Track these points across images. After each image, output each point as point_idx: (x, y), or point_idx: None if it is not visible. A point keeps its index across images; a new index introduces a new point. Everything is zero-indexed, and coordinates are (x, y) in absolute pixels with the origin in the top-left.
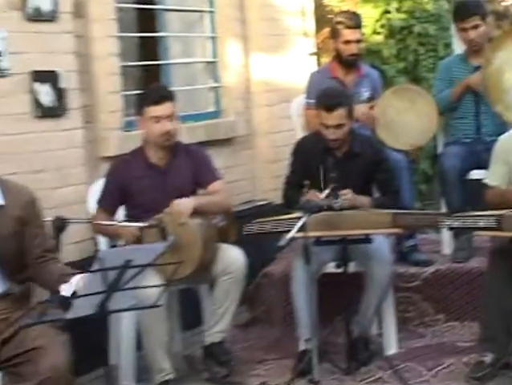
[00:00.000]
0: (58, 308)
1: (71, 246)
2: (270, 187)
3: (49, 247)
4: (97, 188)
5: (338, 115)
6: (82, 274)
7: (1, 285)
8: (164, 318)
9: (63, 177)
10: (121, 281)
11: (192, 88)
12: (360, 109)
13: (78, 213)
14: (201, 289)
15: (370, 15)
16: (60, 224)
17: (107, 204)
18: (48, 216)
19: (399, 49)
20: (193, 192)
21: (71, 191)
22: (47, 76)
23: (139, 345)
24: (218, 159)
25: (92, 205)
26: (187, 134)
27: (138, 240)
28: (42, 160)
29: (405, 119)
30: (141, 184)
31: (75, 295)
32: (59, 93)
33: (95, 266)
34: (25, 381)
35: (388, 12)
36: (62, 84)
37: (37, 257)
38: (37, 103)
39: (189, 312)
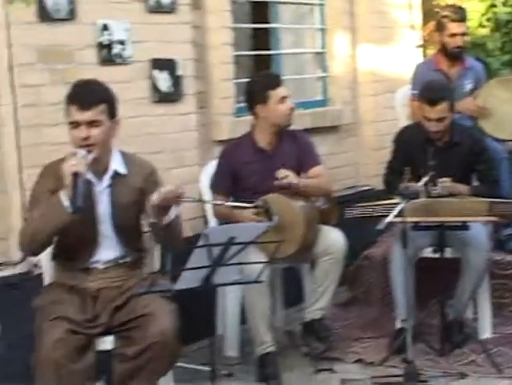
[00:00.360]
0: (165, 277)
1: (183, 223)
2: (373, 173)
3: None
4: (209, 169)
5: (440, 109)
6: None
7: (118, 251)
8: (267, 294)
9: (178, 159)
10: (225, 257)
11: (301, 77)
12: (465, 104)
13: (190, 193)
14: (303, 269)
15: (476, 9)
16: None
17: (223, 186)
18: None
19: (503, 42)
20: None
21: (185, 171)
22: (166, 64)
23: (243, 318)
24: (323, 145)
25: (204, 185)
26: (295, 121)
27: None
28: (160, 142)
29: (507, 109)
30: (249, 169)
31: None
32: (176, 80)
33: (201, 242)
34: (135, 344)
35: (494, 6)
36: (179, 71)
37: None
38: (155, 89)
39: (291, 290)
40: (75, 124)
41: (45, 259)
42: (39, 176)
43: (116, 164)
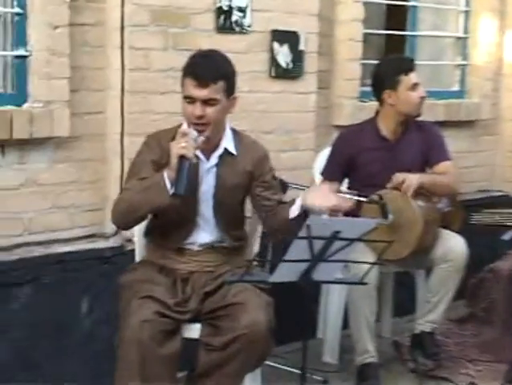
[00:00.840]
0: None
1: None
2: (510, 177)
3: (279, 198)
4: (324, 155)
5: None
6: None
7: (215, 234)
8: (375, 298)
9: (291, 141)
10: (328, 252)
11: (437, 64)
12: None
13: (303, 179)
14: (418, 275)
15: None
16: (281, 188)
17: (332, 175)
18: None
19: None
20: (420, 171)
21: (298, 156)
22: (288, 37)
23: (346, 323)
24: (456, 142)
25: (318, 172)
26: (426, 111)
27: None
28: (273, 121)
29: None
30: (368, 157)
31: (304, 214)
32: (298, 55)
33: (303, 233)
34: (222, 335)
35: None
36: (302, 46)
37: (268, 210)
38: (274, 63)
39: (403, 297)
40: (189, 99)
41: (138, 234)
42: (143, 145)
43: (227, 143)
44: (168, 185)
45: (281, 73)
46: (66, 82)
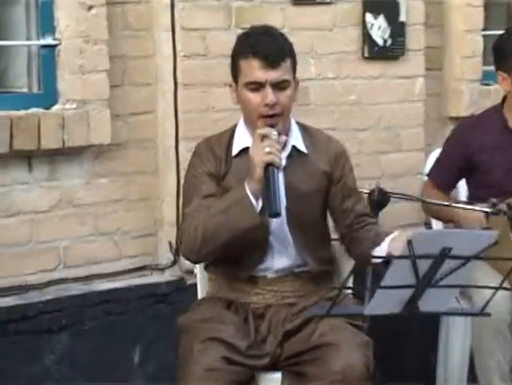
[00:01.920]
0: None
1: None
2: None
3: (362, 210)
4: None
5: None
6: (401, 233)
7: (294, 257)
8: (509, 338)
9: (394, 140)
10: (437, 275)
11: None
12: None
13: (409, 188)
14: None
15: None
16: (380, 199)
17: (442, 177)
18: (365, 188)
19: None
20: None
21: (402, 157)
22: (384, 5)
23: (473, 371)
24: None
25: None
26: None
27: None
28: (368, 115)
29: None
30: (492, 156)
31: (386, 262)
32: (398, 28)
33: (404, 251)
34: (309, 383)
35: None
36: (403, 17)
37: (348, 224)
38: (367, 41)
39: None
40: (254, 85)
41: (200, 265)
42: (193, 157)
43: (295, 140)
44: (254, 202)
45: (377, 53)
46: (104, 76)
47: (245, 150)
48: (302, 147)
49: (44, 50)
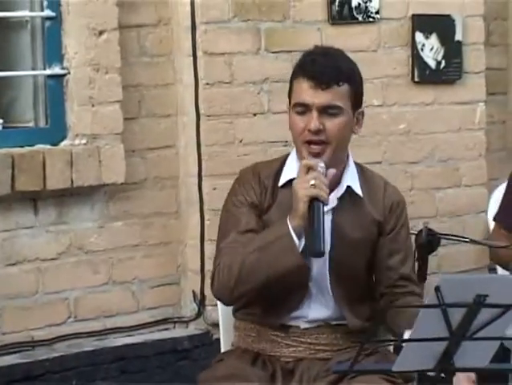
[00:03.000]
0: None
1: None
2: None
3: (408, 273)
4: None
5: None
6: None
7: (331, 308)
8: None
9: (451, 174)
10: (472, 326)
11: None
12: None
13: (470, 229)
14: None
15: None
16: (429, 241)
17: (510, 219)
18: (415, 228)
19: None
20: None
21: (461, 193)
22: (437, 23)
23: None
24: None
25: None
26: None
27: None
28: (421, 146)
29: None
30: None
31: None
32: (454, 48)
33: (431, 300)
34: None
35: None
36: (459, 36)
37: (389, 284)
38: (418, 63)
39: None
40: (301, 108)
41: (223, 313)
42: (236, 184)
43: (351, 180)
44: (297, 240)
45: (429, 76)
46: (117, 107)
47: (292, 181)
48: (358, 189)
49: (51, 80)
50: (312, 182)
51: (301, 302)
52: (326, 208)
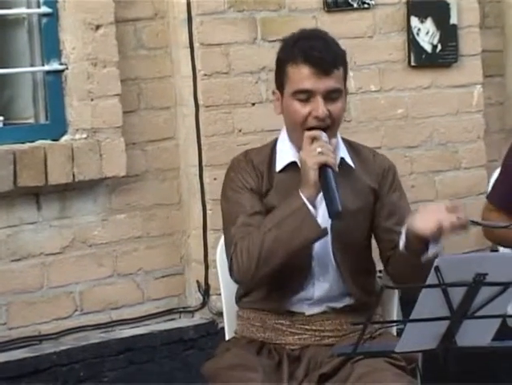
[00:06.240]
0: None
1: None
2: None
3: None
4: None
5: None
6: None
7: (335, 284)
8: None
9: (450, 157)
10: (473, 304)
11: None
12: None
13: (471, 210)
14: None
15: None
16: None
17: (503, 199)
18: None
19: None
20: None
21: (461, 176)
22: (432, 7)
23: None
24: None
25: None
26: None
27: None
28: (419, 130)
29: None
30: None
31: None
32: (449, 32)
33: (431, 279)
34: None
35: None
36: (454, 19)
37: (392, 246)
38: (414, 47)
39: None
40: (304, 95)
41: (227, 301)
42: (231, 172)
43: (342, 153)
44: (313, 210)
45: (425, 60)
46: (117, 101)
47: (289, 166)
48: (349, 161)
49: (50, 76)
50: (319, 150)
51: (305, 282)
52: None
